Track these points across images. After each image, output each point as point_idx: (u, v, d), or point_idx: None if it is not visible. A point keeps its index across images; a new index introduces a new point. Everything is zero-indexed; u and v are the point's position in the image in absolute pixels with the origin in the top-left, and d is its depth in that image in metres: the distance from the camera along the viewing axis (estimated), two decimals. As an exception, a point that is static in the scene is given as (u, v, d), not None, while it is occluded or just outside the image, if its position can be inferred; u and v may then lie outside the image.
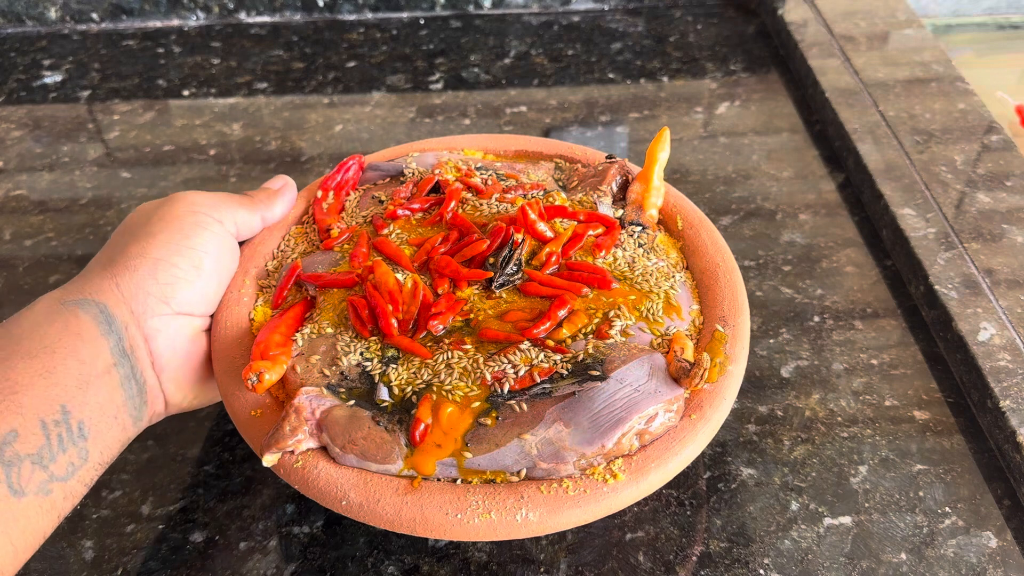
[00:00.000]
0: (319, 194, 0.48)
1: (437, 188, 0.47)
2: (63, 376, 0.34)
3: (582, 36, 0.85)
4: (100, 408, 0.35)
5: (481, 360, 0.38)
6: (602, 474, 0.35)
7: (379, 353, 0.38)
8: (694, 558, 0.42)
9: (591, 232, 0.44)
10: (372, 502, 0.34)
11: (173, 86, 0.78)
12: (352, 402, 0.37)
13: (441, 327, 0.39)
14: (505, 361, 0.37)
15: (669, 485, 0.45)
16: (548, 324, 0.39)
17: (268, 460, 0.36)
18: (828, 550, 0.42)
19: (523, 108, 0.74)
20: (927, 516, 0.43)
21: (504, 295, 0.41)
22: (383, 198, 0.47)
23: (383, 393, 0.37)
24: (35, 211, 0.65)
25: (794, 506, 0.44)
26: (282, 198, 0.46)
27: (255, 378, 0.37)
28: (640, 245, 0.44)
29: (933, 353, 0.52)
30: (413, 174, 0.49)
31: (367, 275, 0.41)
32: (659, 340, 0.39)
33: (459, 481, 0.35)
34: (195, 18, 0.87)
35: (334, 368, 0.38)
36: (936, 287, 0.52)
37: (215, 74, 0.80)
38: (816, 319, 0.54)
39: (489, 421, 0.36)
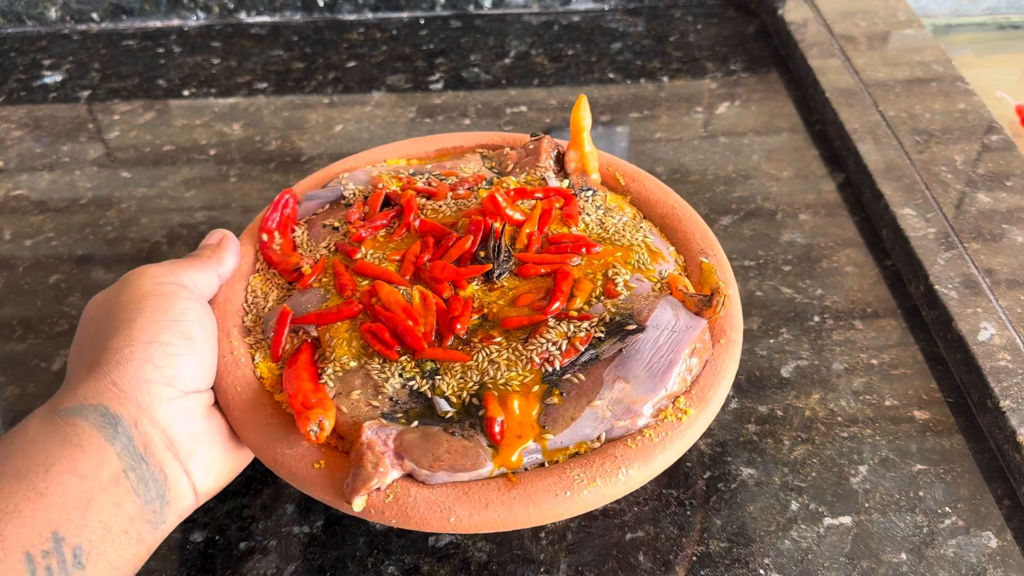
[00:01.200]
0: (264, 237, 0.46)
1: (388, 202, 0.46)
2: (58, 497, 0.31)
3: (582, 36, 0.85)
4: (104, 527, 0.32)
5: (520, 346, 0.38)
6: (673, 414, 0.37)
7: (417, 370, 0.38)
8: (694, 558, 0.42)
9: (556, 206, 0.46)
10: (481, 509, 0.34)
11: (173, 86, 0.78)
12: (415, 423, 0.36)
13: (463, 329, 0.39)
14: (543, 341, 0.38)
15: (669, 485, 0.45)
16: (562, 297, 0.40)
17: (359, 504, 0.34)
18: (828, 550, 0.42)
19: (523, 108, 0.74)
20: (927, 516, 0.43)
21: (505, 283, 0.42)
22: (336, 224, 0.46)
23: (443, 405, 0.37)
24: (35, 211, 0.65)
25: (794, 506, 0.44)
26: (228, 250, 0.44)
27: (316, 428, 0.35)
28: (598, 207, 0.47)
29: (933, 353, 0.52)
30: (355, 195, 0.47)
31: (369, 300, 0.41)
32: (658, 284, 0.42)
33: (545, 464, 0.36)
34: (195, 18, 0.87)
35: (380, 397, 0.37)
36: (936, 287, 0.52)
37: (215, 74, 0.80)
38: (816, 319, 0.54)
39: (555, 399, 0.37)
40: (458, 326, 0.39)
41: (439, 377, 0.38)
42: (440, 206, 0.46)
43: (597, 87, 0.77)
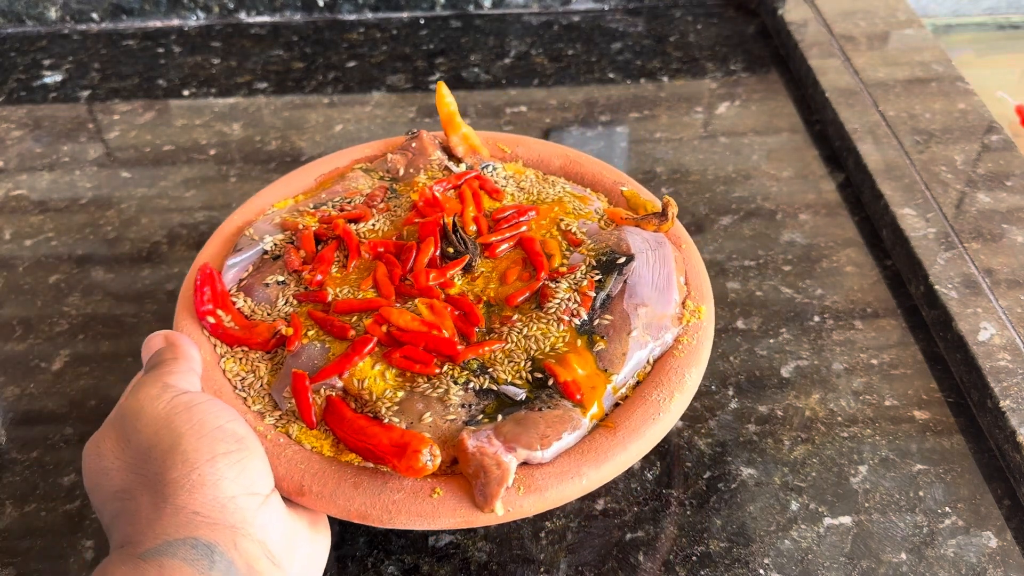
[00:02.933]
0: (211, 320, 0.42)
1: (318, 240, 0.45)
2: None
3: (582, 36, 0.85)
4: None
5: (539, 314, 0.40)
6: (689, 317, 0.42)
7: (467, 372, 0.38)
8: (694, 558, 0.42)
9: (479, 185, 0.48)
10: (603, 460, 0.36)
11: (173, 86, 0.78)
12: (499, 416, 0.37)
13: (482, 321, 0.40)
14: (556, 301, 0.41)
15: (669, 485, 0.45)
16: (543, 259, 0.42)
17: (501, 507, 0.34)
18: (828, 550, 0.42)
19: (523, 108, 0.74)
20: (927, 516, 0.43)
21: (482, 268, 0.43)
22: (282, 278, 0.43)
23: (515, 391, 0.38)
24: (35, 211, 0.65)
25: (794, 506, 0.44)
26: (187, 345, 0.40)
27: (429, 456, 0.34)
28: (504, 177, 0.50)
29: (933, 353, 0.52)
30: (278, 245, 0.45)
31: (379, 330, 0.39)
32: (602, 221, 0.46)
33: (619, 402, 0.39)
34: (195, 18, 0.87)
35: (452, 409, 0.37)
36: (936, 287, 0.52)
37: (215, 74, 0.80)
38: (816, 319, 0.54)
39: (601, 344, 0.39)
40: (476, 328, 0.40)
41: (491, 370, 0.38)
42: (373, 225, 0.46)
43: (597, 87, 0.77)
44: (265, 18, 0.87)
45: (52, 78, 0.80)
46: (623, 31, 0.85)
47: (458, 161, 0.51)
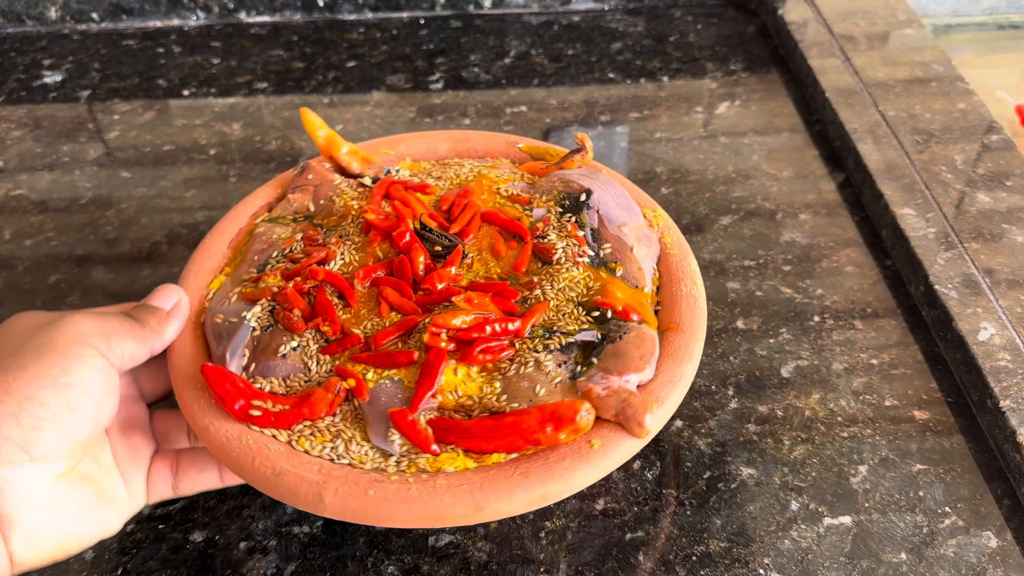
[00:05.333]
0: (257, 414, 0.37)
1: (277, 302, 0.43)
2: None
3: (582, 36, 0.85)
4: None
5: (551, 269, 0.43)
6: (655, 220, 0.47)
7: (537, 340, 0.39)
8: (694, 558, 0.42)
9: (408, 191, 0.48)
10: (693, 355, 0.40)
11: (173, 86, 0.78)
12: (593, 360, 0.39)
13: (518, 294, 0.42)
14: (558, 250, 0.43)
15: (669, 485, 0.45)
16: (515, 224, 0.45)
17: (653, 422, 0.36)
18: (828, 550, 0.42)
19: (523, 108, 0.74)
20: (927, 516, 0.43)
21: (472, 254, 0.44)
22: (295, 343, 0.40)
23: (590, 335, 0.40)
24: (35, 211, 0.65)
25: (794, 506, 0.44)
26: (174, 322, 0.40)
27: (586, 413, 0.36)
28: (410, 175, 0.51)
29: (933, 353, 0.52)
30: (261, 319, 0.41)
31: (440, 339, 0.39)
32: (523, 177, 0.50)
33: (656, 309, 0.43)
34: (195, 18, 0.87)
35: (552, 373, 0.38)
36: (936, 287, 0.52)
37: (215, 74, 0.80)
38: (816, 319, 0.54)
39: (620, 268, 0.43)
40: (513, 295, 0.41)
41: (555, 328, 0.40)
42: (343, 258, 0.44)
43: (597, 87, 0.77)
44: (265, 18, 0.87)
45: (52, 78, 0.80)
46: (623, 31, 0.85)
47: (358, 176, 0.50)
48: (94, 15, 0.86)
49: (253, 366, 0.40)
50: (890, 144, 0.64)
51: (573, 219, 0.45)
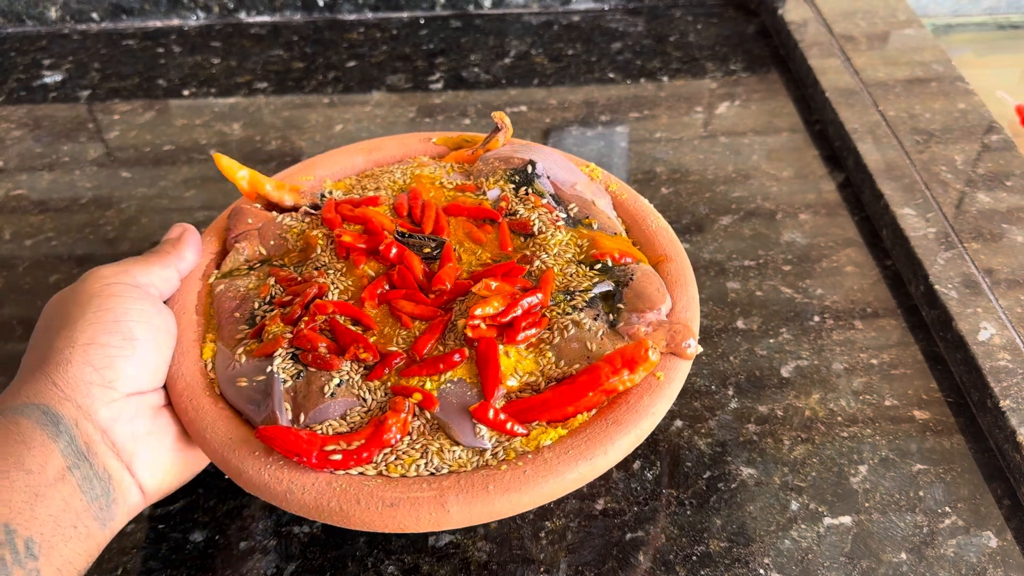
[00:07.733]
0: (337, 458, 0.36)
1: (261, 333, 0.41)
2: (7, 491, 0.31)
3: (582, 36, 0.85)
4: (54, 520, 0.32)
5: (540, 238, 0.44)
6: (593, 173, 0.50)
7: (562, 304, 0.41)
8: (694, 558, 0.42)
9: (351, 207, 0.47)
10: (689, 279, 0.43)
11: (173, 86, 0.78)
12: (621, 306, 0.41)
13: (524, 270, 0.43)
14: (536, 222, 0.45)
15: (669, 485, 0.45)
16: (484, 209, 0.46)
17: (695, 345, 0.40)
18: (828, 550, 0.42)
19: (523, 108, 0.74)
20: (927, 516, 0.43)
21: (456, 247, 0.45)
22: (337, 380, 0.39)
23: (605, 286, 0.42)
24: (35, 211, 0.65)
25: (794, 506, 0.44)
26: (188, 246, 0.43)
27: (653, 349, 0.38)
28: (344, 194, 0.50)
29: (933, 353, 0.52)
30: (286, 369, 0.39)
31: (482, 329, 0.39)
32: (455, 166, 0.51)
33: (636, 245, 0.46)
34: (195, 18, 0.87)
35: (592, 327, 0.40)
36: (936, 287, 0.52)
37: (215, 74, 0.80)
38: (816, 319, 0.54)
39: (593, 222, 0.46)
40: (521, 272, 0.42)
41: (572, 290, 0.41)
42: (335, 287, 0.43)
43: (597, 87, 0.77)
44: (265, 18, 0.87)
45: (52, 78, 0.80)
46: (623, 31, 0.85)
47: (294, 208, 0.48)
48: (94, 15, 0.86)
49: (302, 416, 0.37)
50: (890, 144, 0.64)
51: (529, 191, 0.46)
